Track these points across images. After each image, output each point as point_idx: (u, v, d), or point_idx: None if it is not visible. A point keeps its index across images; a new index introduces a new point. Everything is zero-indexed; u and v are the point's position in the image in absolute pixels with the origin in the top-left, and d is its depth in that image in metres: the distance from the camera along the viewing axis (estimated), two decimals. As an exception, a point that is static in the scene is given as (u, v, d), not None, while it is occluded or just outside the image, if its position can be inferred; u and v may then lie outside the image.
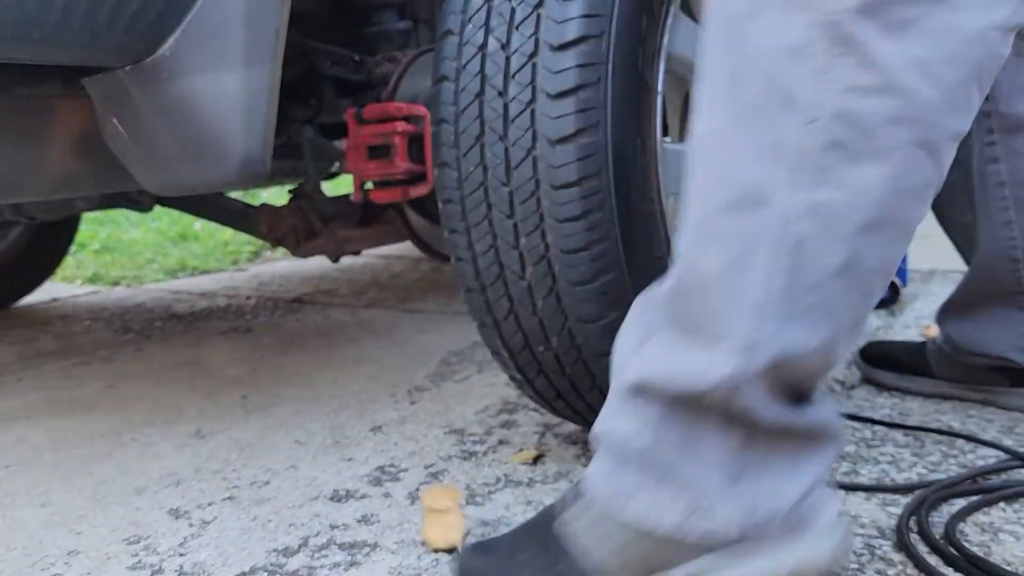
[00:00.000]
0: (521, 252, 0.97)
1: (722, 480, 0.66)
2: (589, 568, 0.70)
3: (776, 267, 0.62)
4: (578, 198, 0.92)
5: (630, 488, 0.68)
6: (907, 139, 0.60)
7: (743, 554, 0.67)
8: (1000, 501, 0.97)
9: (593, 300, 0.96)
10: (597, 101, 0.92)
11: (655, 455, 0.68)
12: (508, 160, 0.95)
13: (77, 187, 1.20)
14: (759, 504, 0.67)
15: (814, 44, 0.60)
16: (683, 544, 0.67)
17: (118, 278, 3.08)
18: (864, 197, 0.61)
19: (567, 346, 1.00)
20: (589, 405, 1.07)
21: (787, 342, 0.63)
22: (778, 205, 0.62)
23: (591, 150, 0.92)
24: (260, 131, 1.04)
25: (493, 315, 1.04)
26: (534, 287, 0.98)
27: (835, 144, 0.61)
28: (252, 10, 1.01)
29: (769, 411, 0.65)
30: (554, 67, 0.91)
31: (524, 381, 1.09)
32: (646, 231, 0.98)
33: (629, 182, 0.95)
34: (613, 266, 0.95)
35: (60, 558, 0.97)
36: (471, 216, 0.99)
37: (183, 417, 1.44)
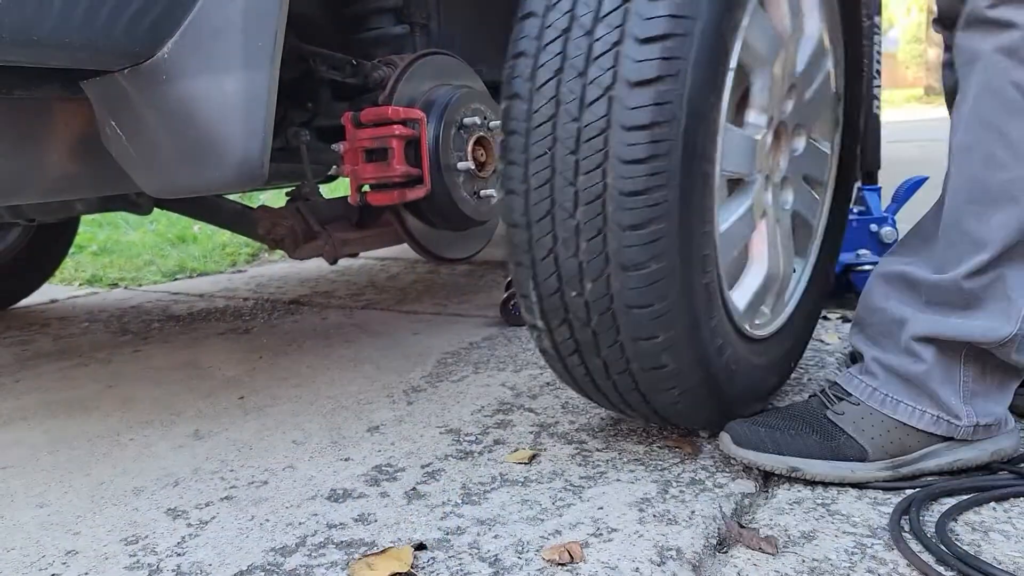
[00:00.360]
0: (577, 190, 0.97)
1: (963, 398, 1.02)
2: (861, 445, 1.04)
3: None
4: (646, 141, 0.94)
5: (898, 397, 1.04)
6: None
7: (960, 445, 1.04)
8: (991, 500, 0.97)
9: (640, 247, 0.96)
10: (682, 51, 0.94)
11: (922, 379, 1.03)
12: (584, 97, 0.96)
13: (75, 189, 1.21)
14: (985, 413, 1.03)
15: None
16: (930, 436, 1.03)
17: (116, 280, 3.09)
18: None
19: (601, 294, 1.00)
20: (604, 362, 1.06)
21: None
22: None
23: (668, 97, 0.93)
24: (258, 134, 1.05)
25: (532, 253, 1.03)
26: (582, 227, 0.98)
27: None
28: (250, 14, 1.01)
29: (1017, 355, 0.99)
30: (646, 13, 0.94)
31: (544, 330, 1.07)
32: (700, 189, 1.00)
33: (695, 139, 0.97)
34: (666, 216, 0.96)
35: (58, 558, 0.98)
36: (533, 149, 1.00)
37: (181, 418, 1.45)
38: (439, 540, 0.95)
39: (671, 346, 1.02)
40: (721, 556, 0.90)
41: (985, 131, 0.96)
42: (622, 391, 1.09)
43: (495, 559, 0.90)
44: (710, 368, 1.07)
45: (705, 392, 1.09)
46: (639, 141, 0.94)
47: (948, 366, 1.01)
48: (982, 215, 0.96)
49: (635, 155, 0.94)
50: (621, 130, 0.94)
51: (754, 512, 0.99)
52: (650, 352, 1.02)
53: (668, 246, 0.97)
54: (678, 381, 1.05)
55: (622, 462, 1.13)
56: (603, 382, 1.09)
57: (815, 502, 1.00)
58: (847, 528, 0.93)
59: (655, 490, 1.04)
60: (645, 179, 0.94)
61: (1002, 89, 0.94)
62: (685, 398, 1.08)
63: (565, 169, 0.98)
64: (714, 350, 1.07)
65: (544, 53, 0.99)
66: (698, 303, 1.03)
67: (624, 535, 0.93)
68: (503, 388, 1.49)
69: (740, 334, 1.16)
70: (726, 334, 1.11)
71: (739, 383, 1.14)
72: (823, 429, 1.05)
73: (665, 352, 1.02)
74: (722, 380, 1.10)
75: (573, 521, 0.97)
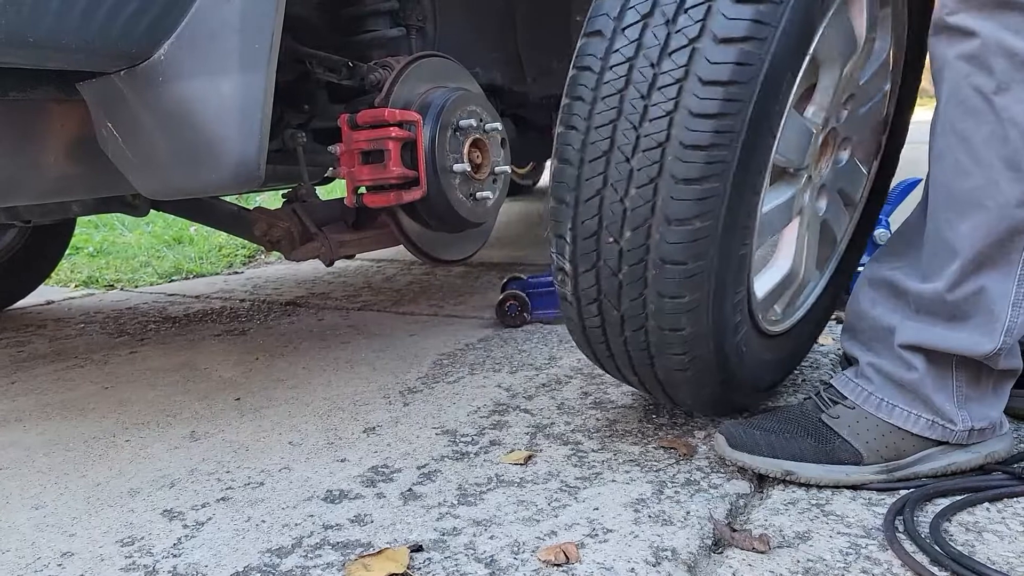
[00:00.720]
0: (639, 135, 0.97)
1: (957, 403, 1.03)
2: (856, 448, 1.04)
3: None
4: (720, 98, 0.94)
5: (893, 401, 1.05)
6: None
7: (954, 449, 1.04)
8: (984, 501, 0.98)
9: (689, 202, 0.96)
10: (772, 18, 0.95)
11: (916, 385, 1.03)
12: (667, 45, 0.96)
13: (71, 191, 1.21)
14: (980, 417, 1.03)
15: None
16: (925, 440, 1.04)
17: (113, 281, 3.08)
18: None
19: (638, 244, 1.00)
20: (622, 316, 1.05)
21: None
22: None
23: (750, 60, 0.94)
24: (255, 136, 1.05)
25: (578, 192, 1.02)
26: (635, 173, 0.98)
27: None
28: (247, 16, 1.01)
29: (1004, 363, 1.00)
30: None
31: (571, 275, 1.07)
32: (759, 157, 1.01)
33: (766, 107, 0.98)
34: (722, 175, 0.96)
35: (53, 560, 0.98)
36: (604, 88, 1.00)
37: (177, 419, 1.45)
38: (435, 541, 0.95)
39: (694, 308, 1.02)
40: (716, 556, 0.90)
41: (952, 138, 0.97)
42: (631, 349, 1.09)
43: (491, 560, 0.90)
44: (724, 342, 1.08)
45: (714, 366, 1.09)
46: (713, 96, 0.94)
47: (940, 373, 1.02)
48: (952, 223, 0.97)
49: (706, 109, 0.94)
50: (698, 83, 0.94)
51: (749, 513, 0.99)
52: (672, 311, 1.02)
53: (716, 206, 0.97)
54: (691, 347, 1.05)
55: (617, 463, 1.13)
56: (615, 338, 1.09)
57: (809, 503, 1.00)
58: (841, 528, 0.94)
59: (650, 491, 1.04)
60: (711, 135, 0.95)
61: (965, 96, 0.94)
62: (694, 366, 1.08)
63: (632, 113, 0.97)
64: (732, 325, 1.08)
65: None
66: (730, 272, 1.03)
67: (619, 536, 0.94)
68: (499, 389, 1.49)
69: (754, 321, 1.17)
70: (744, 313, 1.12)
71: (746, 368, 1.15)
72: (818, 432, 1.06)
73: (687, 314, 1.02)
74: (732, 359, 1.11)
75: (569, 522, 0.98)
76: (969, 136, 0.95)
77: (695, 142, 0.95)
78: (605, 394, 1.42)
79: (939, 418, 1.02)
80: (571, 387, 1.47)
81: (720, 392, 1.14)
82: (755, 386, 1.23)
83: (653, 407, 1.34)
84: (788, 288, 1.29)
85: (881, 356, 1.07)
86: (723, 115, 0.94)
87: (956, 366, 1.01)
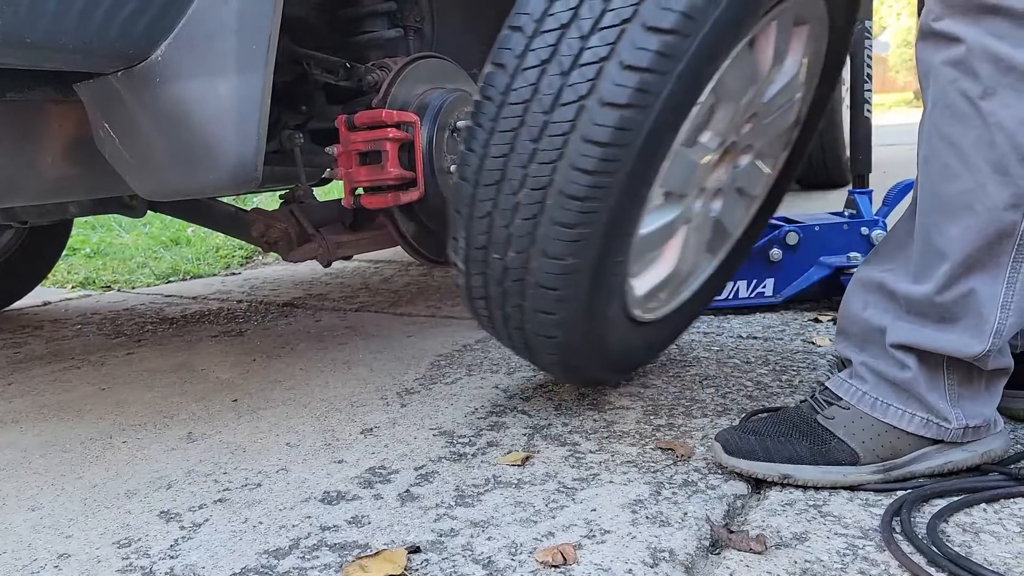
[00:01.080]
0: (527, 175, 1.04)
1: (950, 401, 1.03)
2: (852, 448, 1.04)
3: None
4: (599, 157, 1.01)
5: (887, 400, 1.05)
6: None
7: (950, 447, 1.04)
8: (981, 502, 0.98)
9: (564, 242, 1.06)
10: (657, 87, 1.00)
11: (909, 384, 1.03)
12: (559, 96, 1.01)
13: (69, 192, 1.21)
14: (974, 415, 1.03)
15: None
16: (920, 439, 1.04)
17: (110, 282, 3.08)
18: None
19: (518, 265, 1.09)
20: (504, 315, 1.17)
21: (1013, 323, 0.97)
22: (1018, 236, 0.93)
23: (631, 125, 1.00)
24: (252, 137, 1.05)
25: (472, 209, 1.10)
26: (521, 206, 1.06)
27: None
28: (244, 17, 1.01)
29: (994, 363, 1.00)
30: (637, 42, 0.99)
31: (464, 273, 1.17)
32: (633, 205, 1.09)
33: (644, 164, 1.05)
34: (595, 222, 1.05)
35: (50, 561, 0.98)
36: (501, 122, 1.05)
37: (174, 420, 1.45)
38: (432, 542, 0.95)
39: (564, 323, 1.14)
40: (714, 557, 0.90)
41: (940, 142, 0.97)
42: (514, 341, 1.22)
43: (488, 561, 0.90)
44: (593, 346, 1.21)
45: (582, 363, 1.24)
46: (593, 155, 1.01)
47: (931, 372, 1.02)
48: (942, 226, 0.97)
49: (585, 165, 1.01)
50: (581, 140, 1.01)
51: (746, 514, 0.99)
52: (544, 323, 1.15)
53: (588, 248, 1.07)
54: (562, 350, 1.19)
55: (615, 464, 1.13)
56: (500, 328, 1.22)
57: (807, 503, 1.00)
58: (839, 529, 0.94)
59: (648, 492, 1.04)
60: (587, 188, 1.02)
61: (952, 101, 0.95)
62: (564, 361, 1.22)
63: (523, 152, 1.04)
64: (602, 333, 1.21)
65: (539, 39, 1.03)
66: (600, 296, 1.15)
67: (617, 537, 0.94)
68: (496, 390, 1.49)
69: (630, 318, 1.27)
70: (618, 320, 1.24)
71: (614, 357, 1.29)
72: (814, 434, 1.06)
73: (557, 327, 1.15)
74: (599, 354, 1.24)
75: (566, 523, 0.98)
76: (956, 141, 0.95)
77: (573, 193, 1.02)
78: (602, 395, 1.42)
79: (933, 416, 1.02)
80: (568, 388, 1.47)
81: (589, 375, 1.31)
82: (621, 367, 1.37)
83: (651, 408, 1.34)
84: (671, 283, 1.35)
85: (875, 356, 1.07)
86: (600, 172, 1.01)
87: (947, 365, 1.01)
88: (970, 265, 0.96)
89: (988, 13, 0.91)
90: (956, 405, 1.02)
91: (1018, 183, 0.92)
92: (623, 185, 1.03)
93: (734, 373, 1.49)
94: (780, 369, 1.50)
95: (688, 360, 1.59)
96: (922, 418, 1.02)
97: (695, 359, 1.59)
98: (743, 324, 1.85)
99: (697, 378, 1.48)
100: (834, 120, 4.18)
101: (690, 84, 1.04)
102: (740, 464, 1.06)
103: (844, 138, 4.18)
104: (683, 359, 1.60)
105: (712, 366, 1.54)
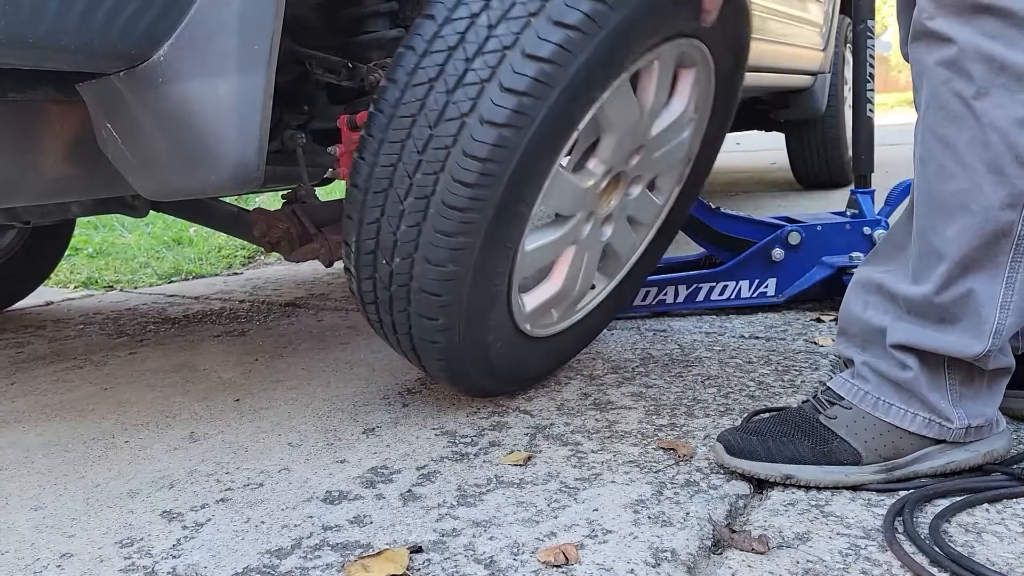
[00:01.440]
0: (412, 184, 1.11)
1: (952, 401, 1.03)
2: (855, 448, 1.04)
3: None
4: (477, 171, 1.08)
5: (889, 400, 1.05)
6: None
7: (953, 447, 1.04)
8: (984, 502, 0.98)
9: (445, 250, 1.11)
10: (533, 111, 1.07)
11: (911, 384, 1.03)
12: (444, 112, 1.08)
13: (71, 192, 1.21)
14: (976, 415, 1.03)
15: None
16: (923, 439, 1.04)
17: (112, 282, 3.08)
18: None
19: (403, 271, 1.15)
20: (393, 320, 1.22)
21: (1013, 323, 0.97)
22: (1015, 235, 0.93)
23: (507, 144, 1.07)
24: (254, 136, 1.05)
25: (362, 215, 1.15)
26: (406, 214, 1.12)
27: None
28: (246, 17, 1.01)
29: (994, 363, 1.00)
30: (517, 68, 1.06)
31: (354, 277, 1.22)
32: (512, 221, 1.16)
33: (519, 182, 1.12)
34: (474, 233, 1.11)
35: (53, 561, 0.98)
36: (390, 133, 1.11)
37: (177, 420, 1.45)
38: (434, 542, 0.95)
39: (447, 329, 1.20)
40: (715, 558, 0.90)
41: (935, 143, 0.97)
42: (403, 346, 1.27)
43: (490, 561, 0.90)
44: (477, 354, 1.26)
45: (468, 370, 1.28)
46: (471, 169, 1.07)
47: (933, 372, 1.02)
48: (938, 227, 0.97)
49: (464, 178, 1.08)
50: (461, 154, 1.07)
51: (748, 514, 0.99)
52: (429, 328, 1.19)
53: (468, 256, 1.13)
54: (448, 356, 1.24)
55: (617, 464, 1.13)
56: (390, 333, 1.26)
57: (809, 503, 1.00)
58: (841, 530, 0.94)
59: (650, 492, 1.04)
60: (467, 200, 1.09)
61: (946, 101, 0.95)
62: (451, 368, 1.26)
63: (409, 163, 1.10)
64: (486, 342, 1.26)
65: (428, 59, 1.09)
66: (481, 304, 1.21)
67: (619, 536, 0.94)
68: (498, 390, 1.49)
69: (519, 331, 1.34)
70: (503, 330, 1.29)
71: (504, 367, 1.34)
72: (816, 434, 1.06)
73: (441, 332, 1.20)
74: (483, 363, 1.29)
75: (568, 523, 0.98)
76: (951, 141, 0.95)
77: (454, 204, 1.09)
78: (604, 395, 1.42)
79: (936, 416, 1.02)
80: (570, 388, 1.47)
81: (481, 385, 1.34)
82: (517, 378, 1.41)
83: (653, 408, 1.34)
84: (561, 302, 1.41)
85: (876, 356, 1.07)
86: (478, 186, 1.08)
87: (948, 365, 1.01)
88: (968, 265, 0.96)
89: (980, 13, 0.90)
90: (958, 405, 1.02)
91: (1014, 183, 0.91)
92: (500, 199, 1.10)
93: (736, 373, 1.49)
94: (782, 369, 1.50)
95: (690, 360, 1.59)
96: (924, 418, 1.02)
97: (697, 359, 1.59)
98: (745, 324, 1.84)
99: (699, 378, 1.48)
100: (837, 119, 4.18)
101: (566, 110, 1.11)
102: (742, 465, 1.06)
103: (846, 138, 4.18)
104: (685, 359, 1.60)
105: (714, 366, 1.54)
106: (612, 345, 1.73)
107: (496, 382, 1.37)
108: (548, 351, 1.45)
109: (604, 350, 1.69)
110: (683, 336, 1.75)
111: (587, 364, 1.60)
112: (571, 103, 1.11)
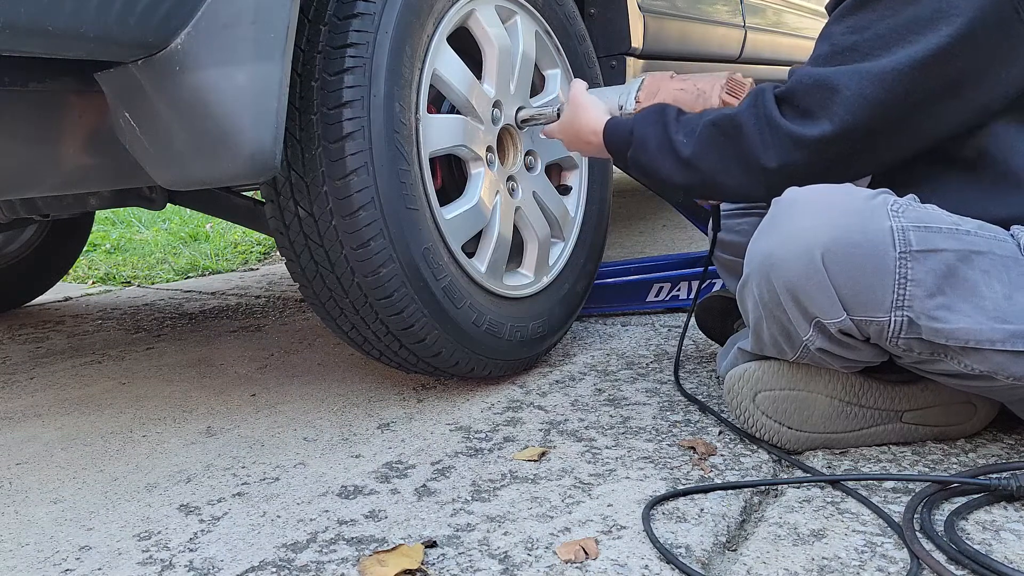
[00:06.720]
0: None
1: None
2: None
3: None
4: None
5: None
6: None
7: None
8: (1001, 499, 0.97)
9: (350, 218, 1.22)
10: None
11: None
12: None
13: (89, 182, 1.22)
14: None
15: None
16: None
17: (129, 278, 3.11)
18: None
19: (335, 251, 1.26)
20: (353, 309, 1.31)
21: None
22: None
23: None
24: (271, 125, 1.05)
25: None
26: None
27: None
28: (262, 6, 1.02)
29: None
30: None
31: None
32: (399, 178, 1.25)
33: (390, 133, 1.24)
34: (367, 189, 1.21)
35: (72, 553, 0.99)
36: (301, 135, 1.23)
37: (193, 415, 1.46)
38: (449, 537, 0.95)
39: (408, 307, 1.28)
40: (730, 554, 0.90)
41: None
42: (373, 341, 1.37)
43: (505, 556, 0.90)
44: (450, 320, 1.32)
45: (451, 342, 1.35)
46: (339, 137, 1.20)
47: None
48: None
49: (335, 134, 1.20)
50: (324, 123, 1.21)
51: (764, 510, 0.99)
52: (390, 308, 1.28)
53: (376, 226, 1.22)
54: (419, 326, 1.31)
55: (631, 460, 1.13)
56: (353, 333, 1.38)
57: (824, 500, 1.00)
58: (857, 527, 0.93)
59: (664, 488, 1.04)
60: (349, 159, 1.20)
61: None
62: (433, 343, 1.34)
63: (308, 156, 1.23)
64: (450, 304, 1.32)
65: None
66: (421, 268, 1.27)
67: (633, 532, 0.93)
68: (512, 386, 1.49)
69: (487, 292, 1.42)
70: (466, 292, 1.36)
71: (472, 330, 1.37)
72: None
73: (405, 310, 1.28)
74: (465, 329, 1.35)
75: (582, 518, 0.97)
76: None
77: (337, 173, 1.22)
78: (619, 391, 1.41)
79: None
80: (585, 384, 1.47)
81: (472, 357, 1.40)
82: (519, 342, 1.47)
83: (667, 404, 1.34)
84: (503, 251, 1.46)
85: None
86: (350, 136, 1.20)
87: None
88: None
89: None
90: None
91: None
92: (374, 156, 1.21)
93: (752, 370, 1.48)
94: (798, 366, 1.49)
95: (704, 356, 1.58)
96: None
97: (711, 355, 1.58)
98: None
99: (712, 374, 1.47)
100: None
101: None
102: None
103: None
104: (699, 355, 1.59)
105: (730, 362, 1.53)
106: (626, 341, 1.73)
107: (487, 352, 1.41)
108: (528, 310, 1.50)
109: (618, 346, 1.69)
110: (697, 332, 1.74)
111: (601, 360, 1.60)
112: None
